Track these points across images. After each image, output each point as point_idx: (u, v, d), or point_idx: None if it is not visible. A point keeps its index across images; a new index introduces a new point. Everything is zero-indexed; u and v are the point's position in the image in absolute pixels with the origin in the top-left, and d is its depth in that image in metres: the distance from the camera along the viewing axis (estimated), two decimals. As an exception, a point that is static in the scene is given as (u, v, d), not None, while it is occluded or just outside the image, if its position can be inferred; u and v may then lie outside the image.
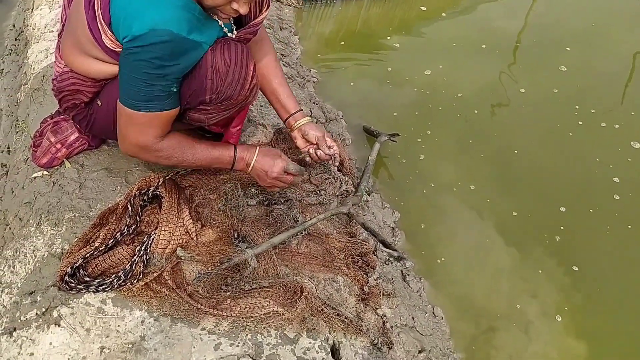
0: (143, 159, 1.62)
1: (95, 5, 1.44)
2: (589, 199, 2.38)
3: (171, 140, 1.55)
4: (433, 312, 1.94)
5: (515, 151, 2.60)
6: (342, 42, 3.40)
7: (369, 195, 2.24)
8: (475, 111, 2.83)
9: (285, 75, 1.90)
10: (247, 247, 1.64)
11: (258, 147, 1.69)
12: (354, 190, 2.11)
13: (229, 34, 1.55)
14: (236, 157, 1.65)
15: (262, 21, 1.62)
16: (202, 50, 1.47)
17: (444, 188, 2.42)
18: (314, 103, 2.68)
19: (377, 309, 1.72)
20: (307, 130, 1.85)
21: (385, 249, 1.98)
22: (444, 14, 3.66)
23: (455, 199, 2.38)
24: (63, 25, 1.69)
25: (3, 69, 2.99)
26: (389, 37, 3.39)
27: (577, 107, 2.85)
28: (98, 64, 1.56)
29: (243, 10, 1.40)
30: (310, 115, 2.06)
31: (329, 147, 1.86)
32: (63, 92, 1.70)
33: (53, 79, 1.74)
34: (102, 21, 1.44)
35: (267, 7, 1.61)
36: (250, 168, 1.68)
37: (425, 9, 3.69)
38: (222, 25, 1.52)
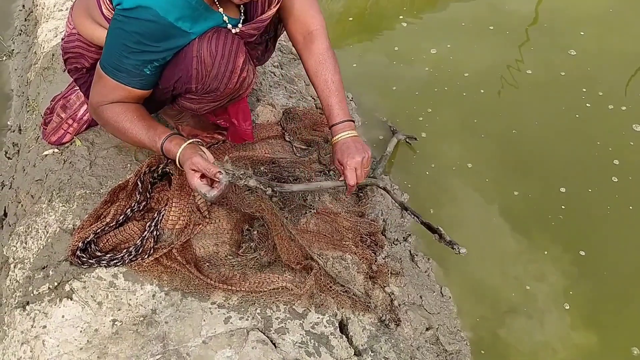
0: (97, 121, 1.58)
1: None
2: (588, 180, 2.38)
3: (115, 108, 1.49)
4: (441, 292, 1.95)
5: (514, 131, 2.60)
6: (351, 19, 3.38)
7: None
8: (482, 91, 2.82)
9: (340, 75, 1.72)
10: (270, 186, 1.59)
11: (186, 142, 1.50)
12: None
13: (233, 29, 1.52)
14: (163, 150, 1.51)
15: (270, 17, 1.56)
16: (189, 39, 1.43)
17: (447, 168, 2.42)
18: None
19: (385, 287, 1.73)
20: (335, 152, 1.67)
21: (432, 233, 1.80)
22: None
23: (459, 179, 2.38)
24: None
25: (13, 50, 3.01)
26: (400, 17, 3.35)
27: (585, 89, 2.83)
28: (102, 31, 1.53)
29: None
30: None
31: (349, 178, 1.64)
32: (68, 54, 1.69)
33: (62, 38, 1.73)
34: None
35: (277, 3, 1.55)
36: (177, 162, 1.50)
37: None
38: (226, 20, 1.49)
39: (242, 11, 1.55)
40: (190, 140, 1.51)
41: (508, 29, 3.26)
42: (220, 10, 1.47)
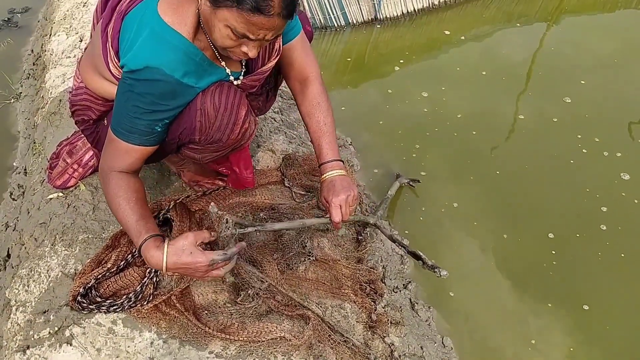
0: (101, 183, 1.54)
1: (108, 30, 1.49)
2: (576, 227, 2.42)
3: (120, 181, 1.47)
4: (442, 342, 1.94)
5: (498, 172, 2.66)
6: (351, 66, 3.47)
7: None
8: (474, 132, 2.89)
9: (332, 117, 1.78)
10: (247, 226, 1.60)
11: (166, 245, 1.41)
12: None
13: (235, 82, 1.57)
14: (142, 249, 1.41)
15: (270, 69, 1.62)
16: (195, 94, 1.47)
17: (440, 209, 2.46)
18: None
19: (385, 337, 1.73)
20: (322, 189, 1.73)
21: (416, 260, 1.89)
22: (462, 37, 3.73)
23: (451, 222, 2.41)
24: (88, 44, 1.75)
25: (21, 93, 3.07)
26: (401, 61, 3.47)
27: (579, 136, 2.88)
28: (109, 85, 1.58)
29: (252, 53, 1.39)
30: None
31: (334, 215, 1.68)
32: (75, 106, 1.74)
33: (70, 91, 1.79)
34: (110, 47, 1.48)
35: (277, 55, 1.61)
36: (164, 270, 1.40)
37: (448, 32, 3.79)
38: (229, 73, 1.54)
39: (243, 64, 1.60)
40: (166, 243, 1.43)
41: (504, 75, 3.34)
42: (223, 64, 1.52)
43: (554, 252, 2.30)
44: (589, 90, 3.25)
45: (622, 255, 2.30)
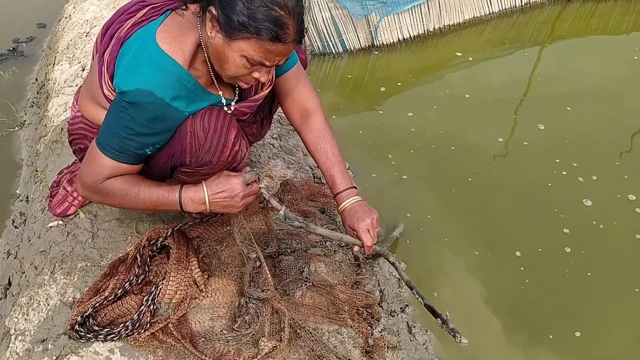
0: (93, 200, 1.59)
1: (105, 55, 1.54)
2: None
3: (115, 181, 1.52)
4: (439, 366, 1.94)
5: (470, 179, 2.75)
6: (350, 93, 3.54)
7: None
8: (452, 147, 2.95)
9: (338, 146, 1.83)
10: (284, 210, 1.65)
11: (203, 182, 1.60)
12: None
13: (226, 108, 1.61)
14: (182, 198, 1.56)
15: (262, 97, 1.67)
16: (184, 118, 1.52)
17: (424, 223, 2.51)
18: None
19: (381, 361, 1.73)
20: (344, 219, 1.79)
21: (435, 317, 1.81)
22: (456, 62, 3.81)
23: (434, 241, 2.45)
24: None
25: (25, 121, 3.13)
26: (399, 83, 3.55)
27: (557, 160, 2.91)
28: (104, 112, 1.58)
29: (264, 78, 1.44)
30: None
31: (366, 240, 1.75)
32: (73, 135, 1.79)
33: (68, 121, 1.83)
34: (106, 71, 1.52)
35: (270, 85, 1.67)
36: (207, 204, 1.58)
37: (443, 58, 3.89)
38: (223, 101, 1.59)
39: (236, 92, 1.64)
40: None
41: (490, 99, 3.38)
42: (220, 93, 1.56)
43: (522, 268, 2.32)
44: (574, 117, 3.28)
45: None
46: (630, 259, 2.40)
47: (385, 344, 1.78)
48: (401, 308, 2.09)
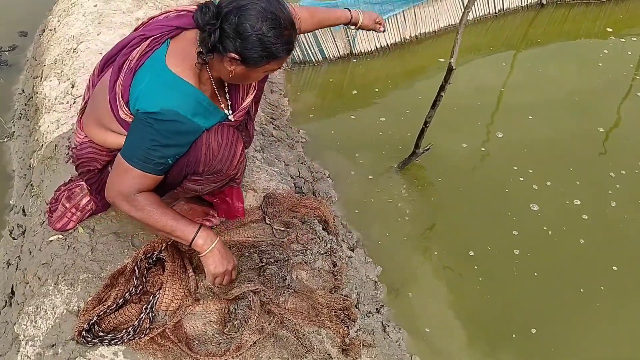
0: (120, 207, 1.76)
1: (117, 85, 1.73)
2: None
3: (148, 196, 1.74)
4: (410, 361, 2.16)
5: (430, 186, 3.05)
6: (330, 101, 3.75)
7: (352, 251, 2.50)
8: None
9: (323, 8, 2.34)
10: None
11: (219, 237, 1.86)
12: (338, 248, 2.35)
13: (230, 117, 1.85)
14: (197, 234, 1.78)
15: (249, 104, 1.90)
16: (202, 132, 1.76)
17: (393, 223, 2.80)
18: (302, 164, 2.94)
19: (357, 359, 1.94)
20: (365, 22, 2.31)
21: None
22: (430, 69, 4.05)
23: (410, 248, 2.72)
24: (86, 103, 1.96)
25: (14, 132, 3.23)
26: (376, 89, 3.78)
27: (516, 168, 3.14)
28: (114, 136, 1.82)
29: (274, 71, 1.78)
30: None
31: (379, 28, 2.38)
32: (81, 159, 1.96)
33: (73, 148, 2.00)
34: (121, 99, 1.72)
35: (255, 90, 1.90)
36: (210, 247, 1.80)
37: (418, 65, 4.12)
38: (227, 113, 1.84)
39: (229, 104, 1.85)
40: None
41: (456, 105, 3.57)
42: (222, 106, 1.81)
43: (476, 267, 2.59)
44: (536, 125, 3.51)
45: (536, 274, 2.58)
46: (575, 262, 2.65)
47: (360, 343, 1.99)
48: (377, 309, 2.30)
